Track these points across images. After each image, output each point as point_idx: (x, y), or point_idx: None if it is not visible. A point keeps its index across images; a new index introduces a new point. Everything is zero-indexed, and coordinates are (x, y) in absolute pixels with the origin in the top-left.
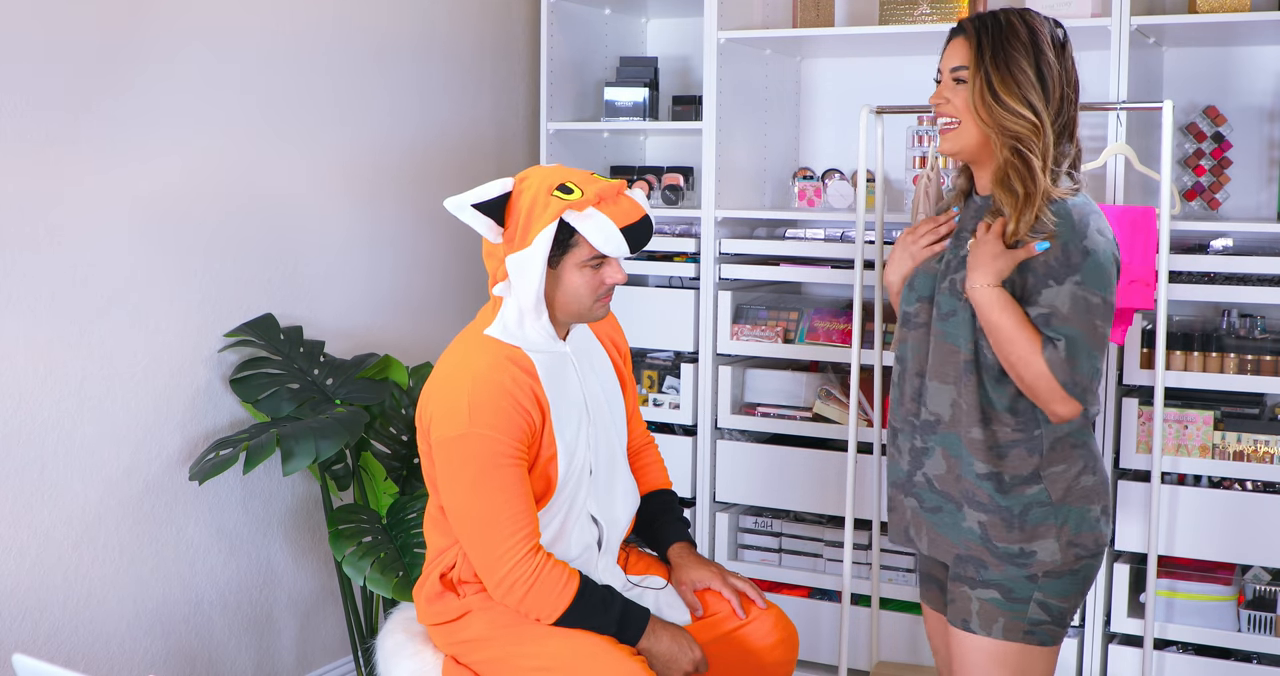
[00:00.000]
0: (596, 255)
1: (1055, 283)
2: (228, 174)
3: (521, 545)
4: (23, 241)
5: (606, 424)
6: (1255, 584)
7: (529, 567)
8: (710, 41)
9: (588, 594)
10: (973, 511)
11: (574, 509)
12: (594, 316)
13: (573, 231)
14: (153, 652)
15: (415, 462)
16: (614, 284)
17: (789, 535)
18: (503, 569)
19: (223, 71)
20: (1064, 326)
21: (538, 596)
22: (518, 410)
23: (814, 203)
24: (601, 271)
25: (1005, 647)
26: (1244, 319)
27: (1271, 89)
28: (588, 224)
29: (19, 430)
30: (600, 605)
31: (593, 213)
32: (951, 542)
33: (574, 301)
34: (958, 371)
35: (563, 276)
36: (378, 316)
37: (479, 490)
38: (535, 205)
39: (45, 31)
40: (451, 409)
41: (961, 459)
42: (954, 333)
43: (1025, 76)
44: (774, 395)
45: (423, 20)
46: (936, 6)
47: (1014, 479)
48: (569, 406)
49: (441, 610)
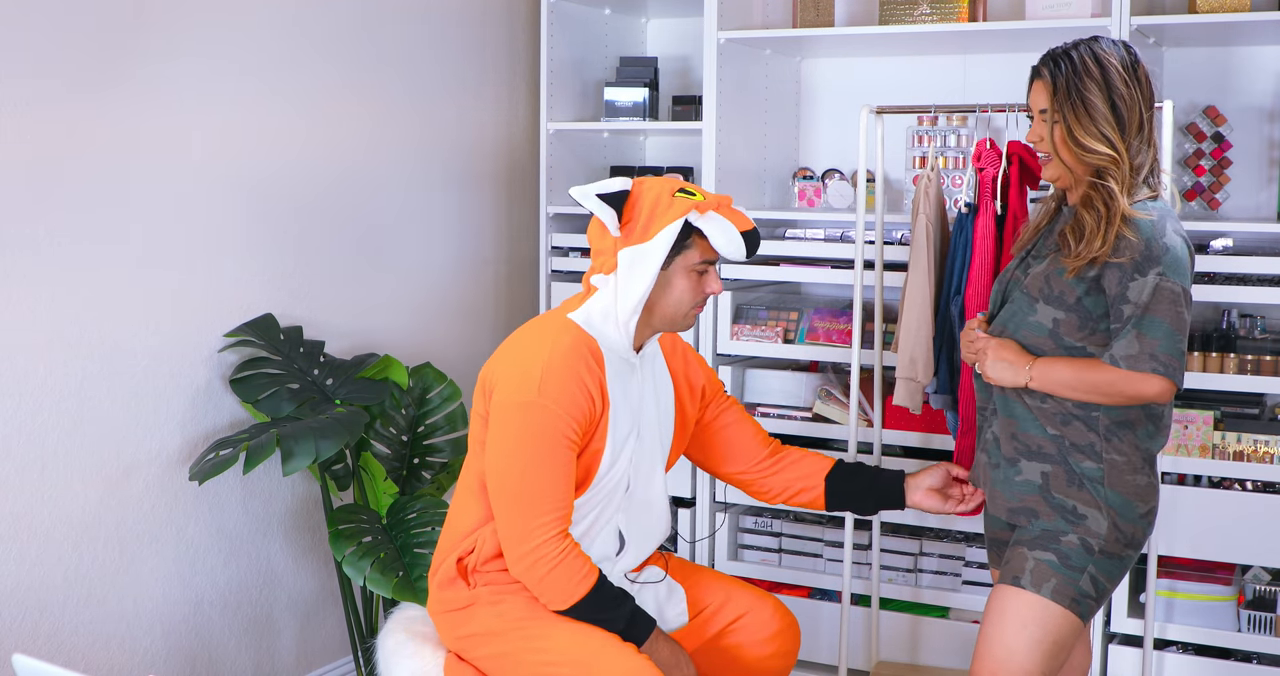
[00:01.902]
0: (705, 259)
1: (1140, 275)
2: (229, 173)
3: (555, 524)
4: (23, 241)
5: (653, 444)
6: (1255, 584)
7: (556, 548)
8: (710, 41)
9: (604, 589)
10: (1035, 463)
11: (601, 518)
12: (684, 326)
13: (689, 234)
14: (153, 652)
15: (415, 462)
16: (711, 294)
17: (789, 535)
18: (531, 542)
19: (223, 72)
20: (1147, 315)
21: (558, 578)
22: (584, 395)
23: (814, 203)
24: (704, 280)
25: (1050, 608)
26: (1244, 319)
27: (1271, 89)
28: (710, 225)
29: (19, 430)
30: (613, 603)
31: (714, 216)
32: (1005, 497)
33: (674, 305)
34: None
35: (672, 278)
36: (378, 316)
37: (530, 459)
38: (659, 203)
39: (45, 30)
40: (523, 376)
41: (1019, 419)
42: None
43: (1100, 113)
44: (774, 395)
45: (422, 20)
46: (936, 6)
47: (1074, 446)
48: (625, 413)
49: (450, 598)
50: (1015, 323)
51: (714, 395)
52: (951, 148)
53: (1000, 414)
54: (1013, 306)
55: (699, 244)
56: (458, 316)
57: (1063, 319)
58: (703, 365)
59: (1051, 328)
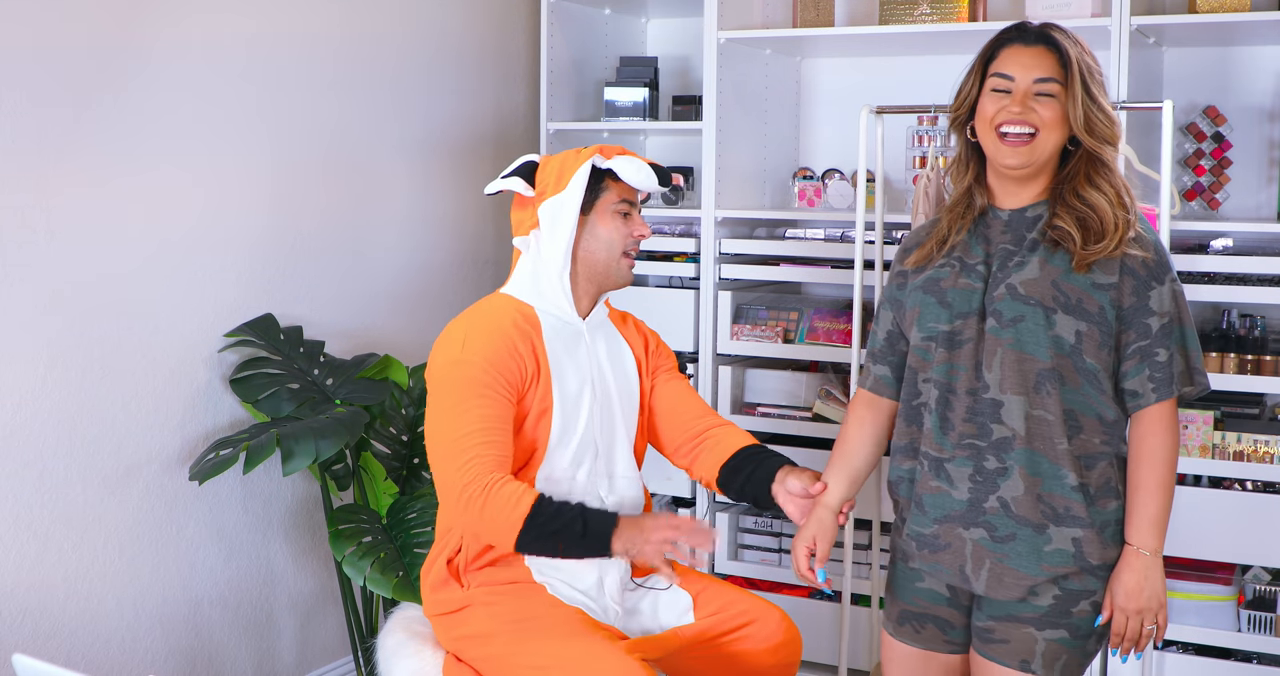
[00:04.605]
0: (624, 199)
1: (1158, 283)
2: (229, 173)
3: (485, 463)
4: (23, 241)
5: (613, 407)
6: (1255, 584)
7: (485, 482)
8: (710, 41)
9: (544, 505)
10: (1066, 529)
11: (577, 487)
12: (620, 277)
13: (602, 177)
14: (153, 652)
15: (415, 462)
16: (640, 237)
17: (789, 535)
18: (461, 481)
19: (223, 72)
20: (1180, 325)
21: (493, 510)
22: (512, 353)
23: (814, 203)
24: (629, 222)
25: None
26: (1244, 319)
27: (1271, 89)
28: (619, 162)
29: (19, 430)
30: (559, 512)
31: (621, 156)
32: (1025, 574)
33: (604, 250)
34: (1034, 380)
35: (595, 223)
36: (378, 316)
37: (456, 411)
38: (567, 159)
39: (44, 30)
40: (448, 343)
41: (1045, 475)
42: (1026, 339)
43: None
44: (774, 395)
45: (422, 20)
46: (936, 6)
47: (1097, 491)
48: (573, 373)
49: (444, 600)
50: (1034, 341)
51: (659, 365)
52: (951, 148)
53: (1026, 474)
54: (1024, 324)
55: (614, 185)
56: None
57: (1085, 331)
58: (657, 339)
59: (1074, 343)
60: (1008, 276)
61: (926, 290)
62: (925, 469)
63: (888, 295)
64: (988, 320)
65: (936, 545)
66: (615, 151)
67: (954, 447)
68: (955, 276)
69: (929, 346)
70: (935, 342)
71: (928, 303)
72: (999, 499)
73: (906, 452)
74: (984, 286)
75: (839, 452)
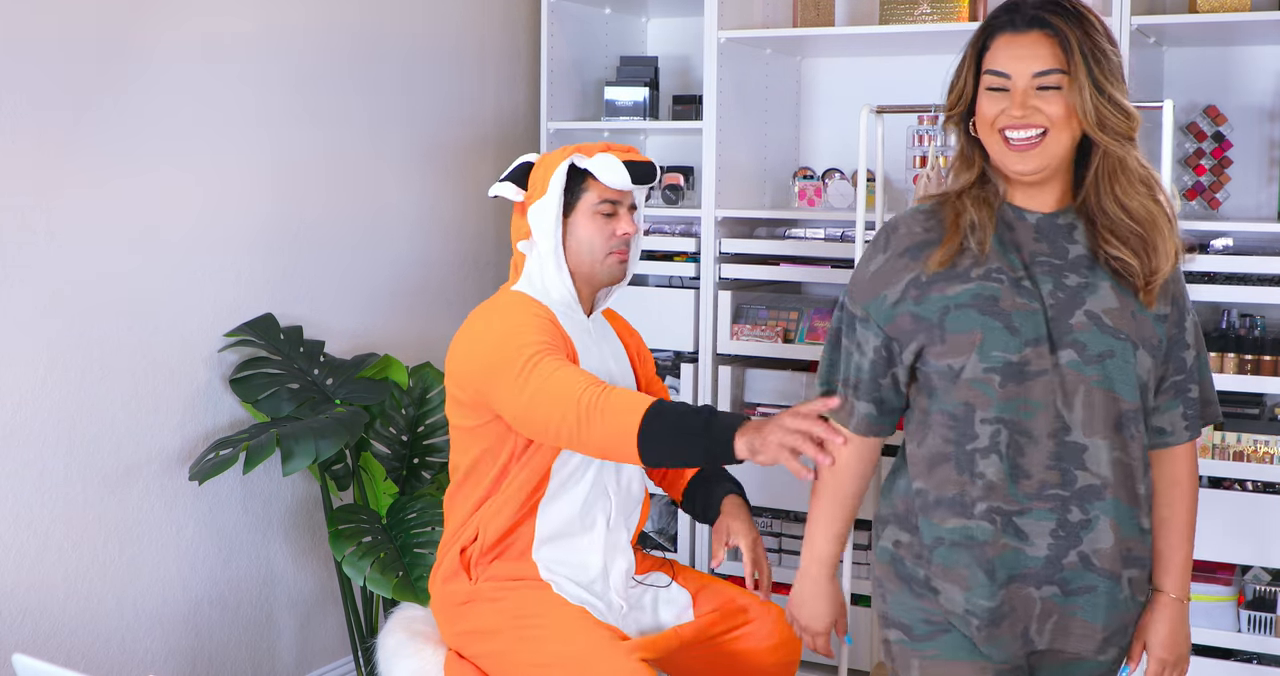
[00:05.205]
0: (606, 199)
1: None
2: (228, 173)
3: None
4: (23, 241)
5: None
6: (1255, 584)
7: (598, 389)
8: (710, 41)
9: (663, 405)
10: (1129, 571)
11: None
12: (608, 273)
13: (583, 177)
14: (153, 652)
15: (415, 462)
16: (624, 235)
17: (789, 535)
18: (576, 391)
19: (222, 72)
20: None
21: (613, 412)
22: (551, 325)
23: (814, 202)
24: (613, 221)
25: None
26: (1244, 319)
27: (1271, 89)
28: (592, 162)
29: (19, 430)
30: (679, 410)
31: (601, 155)
32: (1096, 625)
33: (586, 250)
34: (1118, 422)
35: (577, 224)
36: (378, 316)
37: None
38: (550, 160)
39: (45, 30)
40: (477, 335)
41: (1125, 524)
42: (1116, 377)
43: (1113, 65)
44: (774, 395)
45: (423, 20)
46: (936, 6)
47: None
48: (589, 364)
49: (452, 591)
50: (1123, 379)
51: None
52: (951, 147)
53: (1114, 524)
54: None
55: (594, 185)
56: (458, 316)
57: (1152, 368)
58: (639, 340)
59: (1146, 380)
60: (1080, 301)
61: (983, 310)
62: (995, 525)
63: (871, 311)
64: (1062, 351)
65: (998, 615)
66: (598, 149)
67: (1030, 499)
68: (1010, 294)
69: (992, 380)
70: (1000, 375)
71: (992, 328)
72: (1079, 553)
73: (954, 508)
74: (1041, 307)
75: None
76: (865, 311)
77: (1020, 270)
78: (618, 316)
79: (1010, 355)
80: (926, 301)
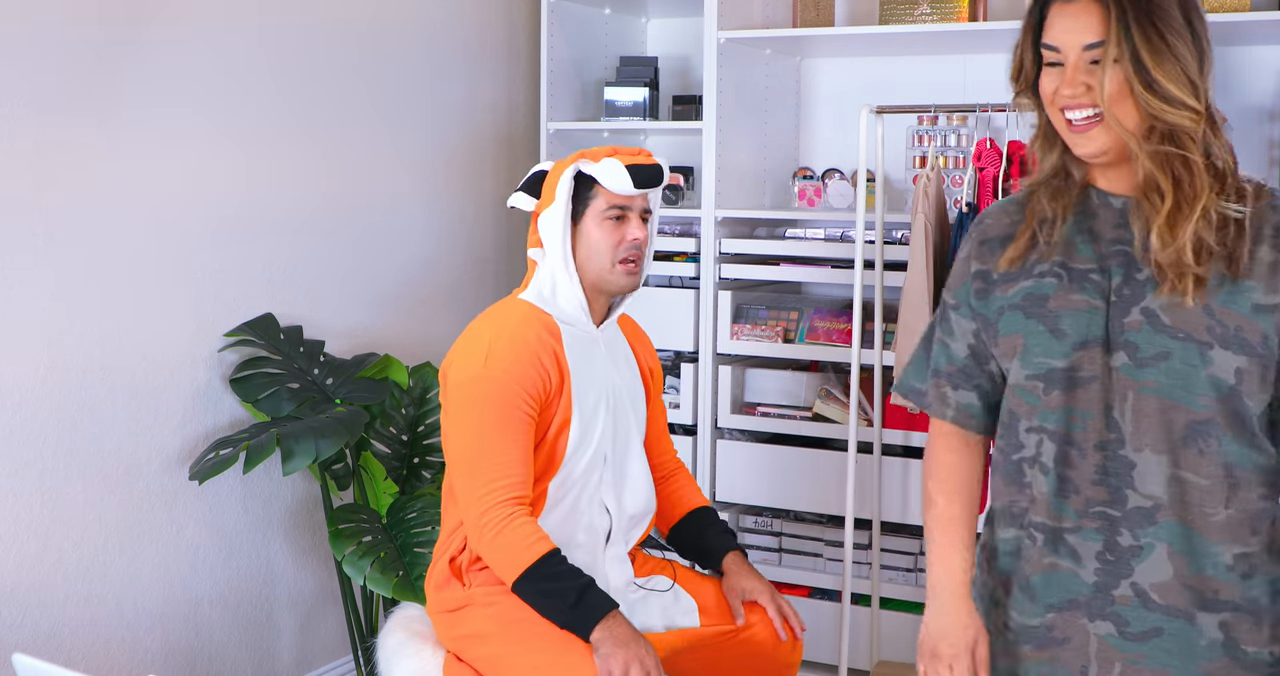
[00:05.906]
0: (614, 205)
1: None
2: (228, 173)
3: (505, 490)
4: (23, 241)
5: (627, 415)
6: None
7: (504, 513)
8: (710, 41)
9: (554, 562)
10: (1212, 615)
11: (585, 493)
12: (618, 281)
13: (591, 183)
14: (153, 652)
15: (415, 462)
16: (633, 241)
17: (789, 535)
18: (480, 507)
19: (223, 72)
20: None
21: (505, 544)
22: (535, 365)
23: (814, 202)
24: (622, 227)
25: None
26: None
27: (1271, 89)
28: (597, 167)
29: (19, 430)
30: (566, 575)
31: (607, 159)
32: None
33: (595, 257)
34: (1182, 435)
35: (586, 231)
36: (378, 316)
37: (480, 430)
38: (560, 168)
39: (45, 30)
40: (471, 353)
41: (1195, 554)
42: (1173, 382)
43: (1182, 41)
44: (774, 395)
45: (423, 20)
46: (936, 6)
47: (1266, 558)
48: (591, 384)
49: (447, 598)
50: (1183, 385)
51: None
52: (952, 147)
53: (1173, 553)
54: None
55: (602, 191)
56: (458, 316)
57: (1245, 368)
58: (651, 349)
59: (1234, 383)
60: (1141, 297)
61: (1029, 312)
62: (1038, 542)
63: (961, 299)
64: (1115, 354)
65: (1048, 639)
66: (605, 153)
67: (1079, 516)
68: (1065, 291)
69: (1036, 387)
70: (1046, 383)
71: (1035, 332)
72: (1133, 586)
73: (1006, 518)
74: (1105, 305)
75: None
76: (957, 299)
77: (1091, 262)
78: (632, 323)
79: (1055, 361)
80: (988, 297)
